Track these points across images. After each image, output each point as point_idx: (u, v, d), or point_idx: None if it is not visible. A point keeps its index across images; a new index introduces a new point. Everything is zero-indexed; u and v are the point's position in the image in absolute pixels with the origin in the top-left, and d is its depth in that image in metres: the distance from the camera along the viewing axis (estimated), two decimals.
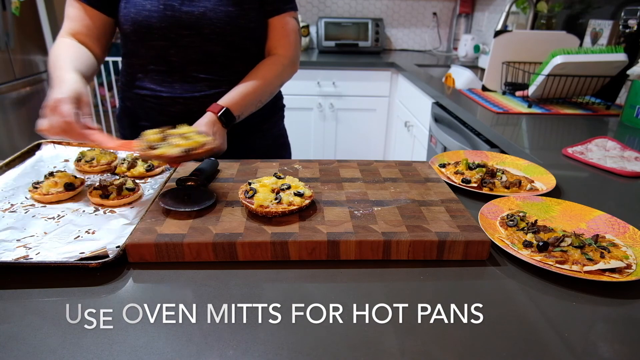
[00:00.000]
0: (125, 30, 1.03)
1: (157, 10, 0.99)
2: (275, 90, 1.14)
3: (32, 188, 0.76)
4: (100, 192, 0.74)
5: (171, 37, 1.01)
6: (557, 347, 0.47)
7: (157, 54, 1.04)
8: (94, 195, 0.74)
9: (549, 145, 1.18)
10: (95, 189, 0.75)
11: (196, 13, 1.00)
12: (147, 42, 1.02)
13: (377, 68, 2.69)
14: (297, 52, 1.15)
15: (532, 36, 1.82)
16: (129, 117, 1.14)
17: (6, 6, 2.43)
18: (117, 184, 0.75)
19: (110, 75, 2.82)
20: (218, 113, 0.99)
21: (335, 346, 0.47)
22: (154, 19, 0.99)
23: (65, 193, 0.75)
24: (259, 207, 0.66)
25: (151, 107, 1.09)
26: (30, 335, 0.47)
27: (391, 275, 0.60)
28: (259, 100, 1.08)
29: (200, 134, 0.77)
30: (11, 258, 0.58)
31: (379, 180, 0.82)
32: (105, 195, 0.74)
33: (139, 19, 0.99)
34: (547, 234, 0.65)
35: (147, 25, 0.99)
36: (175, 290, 0.56)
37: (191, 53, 1.03)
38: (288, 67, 1.13)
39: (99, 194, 0.74)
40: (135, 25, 1.00)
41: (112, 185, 0.75)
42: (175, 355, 0.45)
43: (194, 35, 1.01)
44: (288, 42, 1.12)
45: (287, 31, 1.11)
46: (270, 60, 1.11)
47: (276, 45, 1.12)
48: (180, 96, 1.06)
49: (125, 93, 1.14)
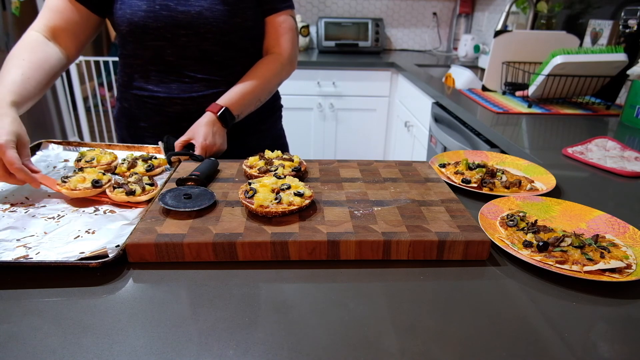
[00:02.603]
0: (122, 31, 1.02)
1: (153, 11, 0.98)
2: (274, 89, 1.14)
3: (61, 182, 0.76)
4: (124, 190, 0.74)
5: (168, 36, 1.01)
6: (557, 347, 0.47)
7: (154, 54, 1.03)
8: (116, 193, 0.74)
9: (549, 145, 1.18)
10: (115, 188, 0.75)
11: (192, 12, 1.00)
12: (143, 42, 1.02)
13: (377, 68, 2.69)
14: (294, 50, 1.15)
15: (532, 36, 1.82)
16: (126, 117, 1.14)
17: (6, 6, 2.43)
18: (134, 181, 0.77)
19: (110, 75, 2.82)
20: (217, 113, 0.99)
21: (335, 346, 0.47)
22: (150, 19, 0.98)
23: (93, 190, 0.75)
24: (259, 207, 0.66)
25: (149, 107, 1.09)
26: (30, 335, 0.47)
27: (391, 275, 0.60)
28: (257, 99, 1.08)
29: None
30: (11, 258, 0.58)
31: (379, 180, 0.82)
32: (130, 192, 0.74)
33: (135, 19, 0.99)
34: (547, 234, 0.65)
35: (144, 25, 0.99)
36: (175, 290, 0.56)
37: (188, 52, 1.03)
38: (286, 66, 1.13)
39: (123, 192, 0.74)
40: (131, 25, 0.99)
41: (129, 183, 0.76)
42: (175, 355, 0.45)
43: (191, 34, 1.01)
44: (285, 41, 1.12)
45: (284, 30, 1.11)
46: (268, 59, 1.11)
47: (274, 44, 1.12)
48: (177, 96, 1.06)
49: (122, 94, 1.13)
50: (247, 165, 0.85)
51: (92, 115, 2.98)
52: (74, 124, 3.26)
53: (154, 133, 1.11)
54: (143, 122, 1.11)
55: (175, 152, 0.92)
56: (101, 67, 2.78)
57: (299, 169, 0.83)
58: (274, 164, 0.83)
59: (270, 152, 0.88)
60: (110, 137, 3.27)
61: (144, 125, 1.12)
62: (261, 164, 0.83)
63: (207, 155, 0.97)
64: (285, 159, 0.85)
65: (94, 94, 3.30)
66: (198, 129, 0.97)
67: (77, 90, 2.89)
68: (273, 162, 0.84)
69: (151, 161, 0.87)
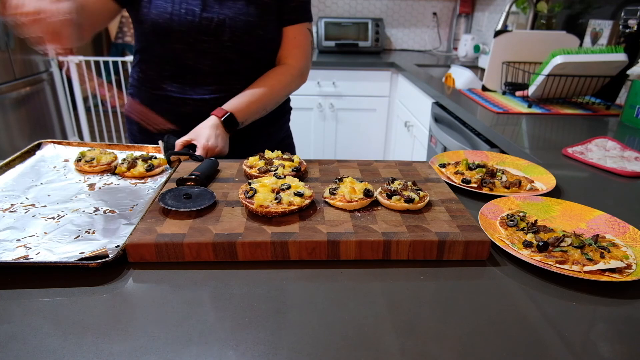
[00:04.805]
0: (145, 30, 1.03)
1: (178, 14, 0.99)
2: (282, 100, 1.15)
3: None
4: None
5: (189, 41, 1.02)
6: (557, 347, 0.47)
7: (173, 56, 1.04)
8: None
9: (549, 145, 1.18)
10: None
11: (216, 20, 1.01)
12: (164, 43, 1.03)
13: (377, 68, 2.69)
14: (307, 63, 1.15)
15: (532, 36, 1.82)
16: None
17: None
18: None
19: (110, 75, 2.81)
20: (222, 117, 0.99)
21: (335, 346, 0.47)
22: (174, 23, 0.99)
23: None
24: (259, 207, 0.66)
25: (161, 105, 1.10)
26: (30, 335, 0.47)
27: (391, 275, 0.60)
28: (263, 108, 1.09)
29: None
30: (11, 258, 0.58)
31: (379, 180, 0.82)
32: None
33: (160, 20, 1.00)
34: (547, 234, 0.65)
35: (168, 27, 1.00)
36: (175, 290, 0.56)
37: (207, 58, 1.04)
38: (297, 78, 1.13)
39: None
40: (155, 26, 1.00)
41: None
42: (175, 355, 0.45)
43: (212, 41, 1.02)
44: (299, 53, 1.12)
45: (299, 42, 1.11)
46: (280, 70, 1.11)
47: (287, 54, 1.12)
48: (190, 97, 1.07)
49: (135, 89, 1.14)
50: (247, 165, 0.85)
51: (92, 115, 2.98)
52: (74, 124, 3.26)
53: (163, 130, 1.11)
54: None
55: (175, 152, 0.92)
56: (101, 67, 2.78)
57: (299, 169, 0.83)
58: (274, 164, 0.83)
59: (270, 152, 0.88)
60: (110, 137, 3.27)
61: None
62: (261, 164, 0.83)
63: (208, 157, 0.97)
64: (285, 159, 0.85)
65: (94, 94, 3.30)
66: (201, 131, 0.97)
67: (77, 90, 2.89)
68: (273, 162, 0.84)
69: (151, 161, 0.87)
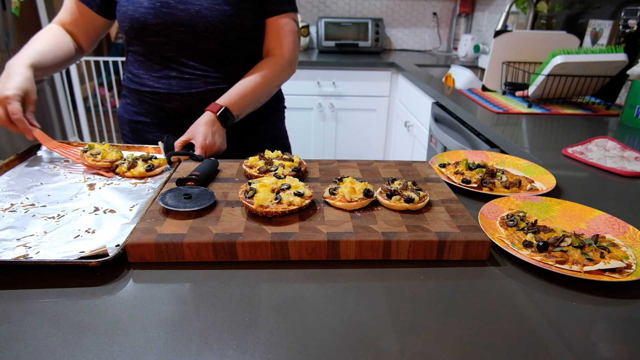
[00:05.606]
0: (124, 28, 1.06)
1: (153, 8, 1.01)
2: (274, 91, 1.15)
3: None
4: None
5: (167, 33, 1.03)
6: (557, 347, 0.47)
7: (153, 50, 1.06)
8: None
9: (549, 145, 1.18)
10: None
11: (191, 11, 1.02)
12: (143, 38, 1.05)
13: (377, 68, 2.69)
14: (295, 53, 1.15)
15: (532, 36, 1.82)
16: (128, 113, 1.16)
17: (6, 6, 2.43)
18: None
19: (110, 75, 2.82)
20: (217, 112, 0.99)
21: (335, 346, 0.47)
22: (150, 16, 1.01)
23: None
24: (259, 207, 0.66)
25: (149, 102, 1.11)
26: (30, 335, 0.47)
27: (391, 275, 0.60)
28: (257, 100, 1.09)
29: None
30: (11, 257, 0.58)
31: (379, 180, 0.82)
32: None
33: (136, 16, 1.02)
34: (547, 234, 0.65)
35: (144, 21, 1.02)
36: (175, 290, 0.56)
37: (186, 49, 1.05)
38: (287, 68, 1.13)
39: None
40: (132, 22, 1.03)
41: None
42: (175, 355, 0.45)
43: (189, 32, 1.03)
44: (287, 43, 1.12)
45: (285, 32, 1.12)
46: (269, 61, 1.11)
47: (274, 46, 1.12)
48: (177, 92, 1.08)
49: (125, 89, 1.16)
50: (247, 165, 0.85)
51: (92, 115, 2.98)
52: (74, 124, 3.26)
53: (154, 129, 1.12)
54: (144, 117, 1.12)
55: (175, 152, 0.92)
56: (101, 67, 2.78)
57: (299, 169, 0.83)
58: (274, 164, 0.83)
59: (270, 152, 0.88)
60: (110, 137, 3.27)
61: (144, 120, 1.13)
62: (261, 164, 0.83)
63: (207, 155, 0.97)
64: (285, 159, 0.85)
65: (94, 94, 3.30)
66: (197, 129, 0.97)
67: (77, 90, 2.89)
68: (273, 162, 0.84)
69: (151, 161, 0.87)
